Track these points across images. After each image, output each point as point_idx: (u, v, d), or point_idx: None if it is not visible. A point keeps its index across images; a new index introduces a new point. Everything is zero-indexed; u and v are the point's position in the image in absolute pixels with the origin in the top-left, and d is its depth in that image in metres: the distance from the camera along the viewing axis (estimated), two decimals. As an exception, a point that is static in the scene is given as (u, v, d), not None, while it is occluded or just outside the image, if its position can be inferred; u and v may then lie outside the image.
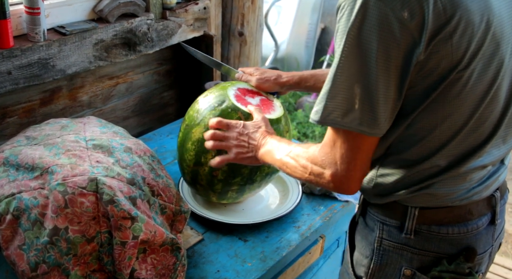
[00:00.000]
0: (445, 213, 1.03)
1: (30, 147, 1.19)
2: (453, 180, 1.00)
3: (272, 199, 1.54)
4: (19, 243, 1.05)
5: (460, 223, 1.04)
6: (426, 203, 1.02)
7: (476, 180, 1.03)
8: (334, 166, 0.96)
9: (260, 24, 2.16)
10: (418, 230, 1.03)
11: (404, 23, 0.84)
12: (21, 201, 1.07)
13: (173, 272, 1.14)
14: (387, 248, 1.07)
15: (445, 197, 1.01)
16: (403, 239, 1.05)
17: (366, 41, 0.86)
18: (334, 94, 0.91)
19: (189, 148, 1.35)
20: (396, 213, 1.05)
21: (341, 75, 0.89)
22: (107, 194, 1.06)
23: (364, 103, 0.89)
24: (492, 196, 1.08)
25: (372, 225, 1.09)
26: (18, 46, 1.37)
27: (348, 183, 0.97)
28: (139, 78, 1.91)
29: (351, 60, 0.88)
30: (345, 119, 0.91)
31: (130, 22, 1.64)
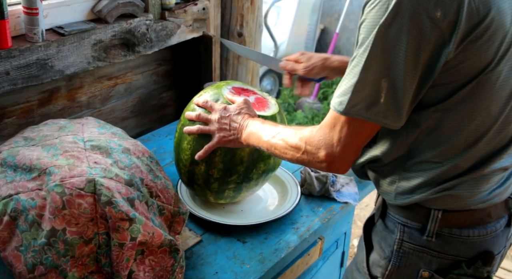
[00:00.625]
0: (467, 216, 1.04)
1: (28, 148, 1.19)
2: (476, 181, 1.01)
3: (271, 200, 1.54)
4: (16, 245, 1.05)
5: (480, 225, 1.05)
6: (449, 205, 1.03)
7: (496, 182, 1.04)
8: (330, 147, 0.98)
9: (259, 24, 2.16)
10: (439, 232, 1.04)
11: (435, 22, 0.84)
12: (19, 202, 1.06)
13: (171, 273, 1.13)
14: (407, 250, 1.07)
15: (467, 199, 1.02)
16: (424, 241, 1.05)
17: (396, 38, 0.86)
18: (360, 87, 0.91)
19: (184, 147, 1.35)
20: (419, 215, 1.05)
21: (368, 70, 0.90)
22: (105, 195, 1.05)
23: (390, 97, 0.90)
24: (509, 199, 1.09)
25: (392, 227, 1.10)
26: (16, 47, 1.37)
27: (341, 163, 1.00)
28: (138, 79, 1.90)
29: (379, 55, 0.88)
30: (370, 112, 0.92)
31: (129, 23, 1.63)
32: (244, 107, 1.26)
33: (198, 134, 1.32)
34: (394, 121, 0.93)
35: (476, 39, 0.87)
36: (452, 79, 0.91)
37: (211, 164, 1.32)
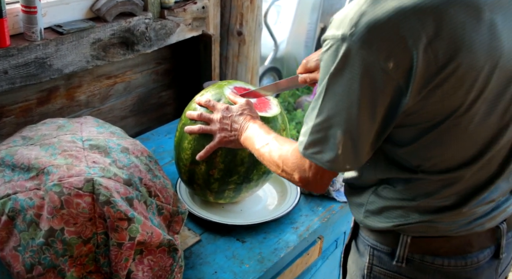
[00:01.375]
0: (442, 243, 0.95)
1: (26, 147, 1.18)
2: (454, 216, 0.94)
3: (270, 199, 1.53)
4: (14, 244, 1.04)
5: (458, 255, 0.95)
6: (421, 234, 0.95)
7: (480, 213, 0.95)
8: (303, 172, 0.95)
9: (259, 23, 2.15)
10: (410, 258, 0.96)
11: (388, 73, 0.78)
12: (17, 201, 1.06)
13: (170, 273, 1.13)
14: (378, 275, 1.00)
15: (443, 229, 0.94)
16: (394, 267, 0.97)
17: (348, 88, 0.81)
18: (316, 133, 0.88)
19: (185, 147, 1.35)
20: (388, 239, 0.98)
21: (323, 116, 0.86)
22: (104, 195, 1.05)
23: (347, 149, 0.86)
24: (497, 228, 0.99)
25: (362, 249, 1.03)
26: (14, 46, 1.36)
27: (316, 185, 0.97)
28: (137, 78, 1.90)
29: (333, 103, 0.84)
30: (325, 159, 0.88)
31: (128, 21, 1.63)
32: (247, 108, 1.25)
33: (199, 134, 1.31)
34: (352, 166, 0.90)
35: (437, 86, 0.79)
36: (417, 122, 0.85)
37: (212, 164, 1.32)
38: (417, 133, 0.87)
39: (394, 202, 0.95)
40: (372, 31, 0.77)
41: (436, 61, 0.78)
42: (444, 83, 0.79)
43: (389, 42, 0.76)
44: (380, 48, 0.77)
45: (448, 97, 0.81)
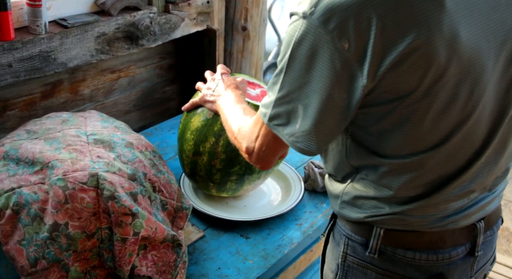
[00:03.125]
0: (414, 238, 0.95)
1: (30, 141, 1.18)
2: (424, 208, 0.93)
3: (274, 195, 1.53)
4: (18, 238, 1.04)
5: (430, 250, 0.95)
6: (393, 226, 0.96)
7: (454, 209, 0.95)
8: (250, 142, 1.00)
9: (263, 18, 2.14)
10: (383, 250, 0.97)
11: (344, 53, 0.79)
12: (21, 195, 1.05)
13: (174, 269, 1.13)
14: (351, 264, 1.01)
15: (415, 223, 0.94)
16: (367, 257, 0.98)
17: (307, 64, 0.82)
18: (278, 104, 0.89)
19: (188, 138, 1.35)
20: (362, 230, 0.99)
21: (284, 88, 0.87)
22: (108, 190, 1.04)
23: (305, 124, 0.87)
24: (474, 226, 0.99)
25: (338, 239, 1.04)
26: (19, 39, 1.36)
27: (257, 159, 1.00)
28: (141, 72, 1.89)
29: (293, 78, 0.85)
30: (286, 134, 0.90)
31: (133, 16, 1.62)
32: (238, 82, 1.31)
33: (201, 125, 1.33)
34: (307, 149, 0.90)
35: (392, 68, 0.79)
36: (375, 103, 0.85)
37: (213, 154, 1.32)
38: (377, 116, 0.87)
39: (367, 193, 0.95)
40: (330, 12, 0.78)
41: (391, 43, 0.78)
42: (399, 66, 0.79)
43: (346, 23, 0.78)
44: (337, 28, 0.78)
45: (403, 80, 0.81)
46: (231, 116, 1.14)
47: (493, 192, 1.01)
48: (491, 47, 0.84)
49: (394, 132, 0.87)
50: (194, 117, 1.36)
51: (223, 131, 1.30)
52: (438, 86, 0.82)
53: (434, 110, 0.84)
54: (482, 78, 0.85)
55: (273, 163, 1.02)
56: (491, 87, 0.87)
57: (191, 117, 1.37)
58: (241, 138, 1.03)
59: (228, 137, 1.27)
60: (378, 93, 0.83)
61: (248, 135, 1.01)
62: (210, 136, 1.32)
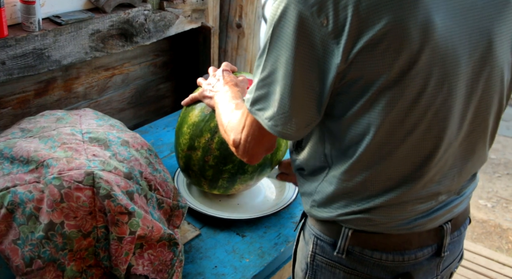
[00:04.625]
0: (380, 239, 0.96)
1: (25, 140, 1.17)
2: (389, 208, 0.93)
3: (269, 193, 1.53)
4: (13, 238, 1.03)
5: (396, 251, 0.97)
6: (361, 227, 0.96)
7: (420, 211, 0.95)
8: (237, 133, 1.00)
9: (258, 16, 2.13)
10: (350, 250, 0.98)
11: (322, 29, 0.80)
12: (16, 194, 1.04)
13: (170, 267, 1.12)
14: (320, 264, 1.02)
15: (381, 225, 0.95)
16: (335, 257, 0.99)
17: (286, 42, 0.83)
18: (260, 87, 0.90)
19: (184, 132, 1.36)
20: (330, 230, 0.99)
21: (266, 70, 0.88)
22: (104, 189, 1.04)
23: (282, 106, 0.87)
24: (441, 228, 0.99)
25: (308, 238, 1.04)
26: (12, 36, 1.34)
27: (244, 152, 1.00)
28: (135, 70, 1.88)
29: (274, 58, 0.86)
30: (265, 116, 0.90)
31: (127, 13, 1.61)
32: (238, 80, 1.31)
33: (197, 120, 1.33)
34: (286, 133, 0.90)
35: (368, 50, 0.80)
36: (349, 90, 0.85)
37: (207, 150, 1.32)
38: (350, 103, 0.87)
39: (337, 191, 0.96)
40: None
41: (367, 24, 0.79)
42: (372, 49, 0.80)
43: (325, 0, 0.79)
44: (316, 4, 0.79)
45: (375, 64, 0.81)
46: (223, 110, 1.14)
47: (462, 195, 1.02)
48: (465, 43, 0.84)
49: (364, 120, 0.87)
50: (192, 112, 1.37)
51: (218, 128, 1.30)
52: (410, 74, 0.82)
53: (405, 99, 0.84)
54: (454, 74, 0.85)
55: (259, 156, 1.01)
56: (461, 86, 0.87)
57: (190, 111, 1.38)
58: (229, 131, 1.04)
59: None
60: (352, 78, 0.83)
61: (236, 127, 1.01)
62: (205, 132, 1.32)
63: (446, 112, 0.88)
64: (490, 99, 0.92)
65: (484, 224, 3.12)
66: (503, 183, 3.54)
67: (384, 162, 0.90)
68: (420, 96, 0.84)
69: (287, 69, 0.84)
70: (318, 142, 0.97)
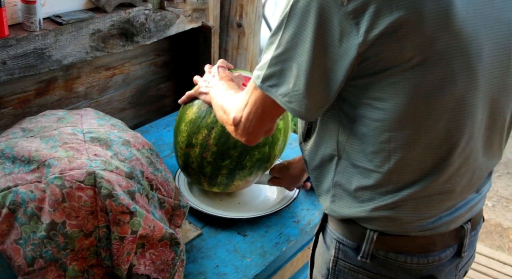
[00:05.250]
0: (406, 242, 0.95)
1: (26, 139, 1.17)
2: (416, 202, 0.92)
3: (269, 193, 1.53)
4: (15, 238, 1.03)
5: (421, 253, 0.96)
6: (386, 228, 0.95)
7: (445, 209, 0.95)
8: (239, 111, 0.99)
9: (259, 15, 2.13)
10: (375, 254, 0.96)
11: (341, 10, 0.79)
12: (17, 194, 1.04)
13: (172, 267, 1.12)
14: (342, 269, 1.00)
15: (407, 224, 0.94)
16: (359, 261, 0.98)
17: (305, 20, 0.82)
18: (274, 66, 0.89)
19: (182, 129, 1.37)
20: (354, 234, 0.98)
21: (281, 46, 0.87)
22: (106, 188, 1.03)
23: (297, 84, 0.86)
24: (462, 228, 1.00)
25: (329, 243, 1.03)
26: (13, 36, 1.34)
27: (243, 130, 0.99)
28: (136, 70, 1.88)
29: (290, 35, 0.85)
30: (278, 92, 0.89)
31: (128, 12, 1.61)
32: (234, 76, 1.31)
33: (194, 117, 1.34)
34: (300, 111, 0.88)
35: (389, 34, 0.79)
36: (367, 74, 0.85)
37: (205, 147, 1.32)
38: (368, 87, 0.86)
39: (357, 182, 0.94)
40: None
41: (388, 6, 0.78)
42: (393, 33, 0.79)
43: None
44: None
45: (395, 48, 0.80)
46: (222, 97, 1.14)
47: (480, 193, 1.02)
48: (487, 33, 0.84)
49: (383, 106, 0.86)
50: (189, 109, 1.37)
51: (215, 123, 1.30)
52: (431, 61, 0.82)
53: (425, 87, 0.83)
54: (476, 63, 0.84)
55: (258, 136, 1.01)
56: (484, 76, 0.86)
57: (187, 109, 1.39)
58: (229, 111, 1.03)
59: (218, 130, 1.31)
60: (370, 61, 0.83)
61: (237, 105, 1.00)
62: (203, 128, 1.32)
63: (469, 102, 0.87)
64: (509, 93, 0.91)
65: (484, 223, 3.13)
66: (503, 182, 3.54)
67: (406, 151, 0.88)
68: (442, 84, 0.84)
69: (304, 47, 0.84)
70: (331, 129, 0.96)
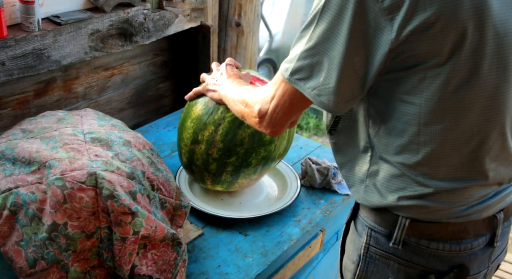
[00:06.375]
0: (438, 228, 0.96)
1: (26, 140, 1.16)
2: (448, 193, 0.93)
3: (270, 192, 1.53)
4: (16, 239, 1.03)
5: (453, 240, 0.97)
6: (418, 215, 0.96)
7: (477, 198, 0.96)
8: (265, 103, 0.99)
9: (257, 14, 2.13)
10: (406, 241, 0.98)
11: (377, 6, 0.80)
12: (18, 196, 1.04)
13: (174, 267, 1.12)
14: (374, 255, 1.02)
15: (440, 211, 0.95)
16: (390, 248, 0.99)
17: (338, 16, 0.83)
18: (304, 57, 0.89)
19: (188, 126, 1.36)
20: (386, 221, 0.99)
21: (312, 40, 0.87)
22: (107, 189, 1.03)
23: (328, 77, 0.87)
24: (494, 217, 1.00)
25: (361, 230, 1.04)
26: (12, 36, 1.33)
27: (269, 122, 1.00)
28: (135, 69, 1.87)
29: (323, 29, 0.86)
30: (307, 86, 0.90)
31: (127, 12, 1.60)
32: (241, 74, 1.32)
33: (201, 113, 1.34)
34: (329, 105, 0.90)
35: (422, 30, 0.81)
36: (399, 68, 0.87)
37: (211, 143, 1.31)
38: (399, 82, 0.88)
39: (391, 172, 0.95)
40: None
41: (423, 2, 0.80)
42: (427, 29, 0.81)
43: None
44: None
45: (428, 44, 0.82)
46: (239, 92, 1.14)
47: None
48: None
49: (414, 100, 0.88)
50: (195, 106, 1.37)
51: (222, 120, 1.30)
52: (463, 56, 0.83)
53: (457, 81, 0.85)
54: (509, 59, 0.86)
55: (283, 128, 1.01)
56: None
57: (193, 105, 1.38)
58: (253, 103, 1.03)
59: (225, 126, 1.30)
60: (404, 58, 0.84)
61: (263, 97, 1.00)
62: (209, 124, 1.32)
63: (500, 96, 0.89)
64: None
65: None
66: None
67: (436, 144, 0.90)
68: (473, 79, 0.85)
69: (338, 41, 0.84)
70: (362, 122, 0.98)
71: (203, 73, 1.42)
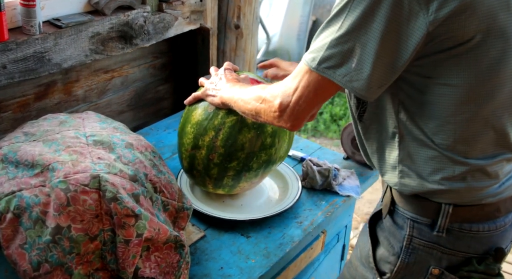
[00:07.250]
0: (476, 211, 1.02)
1: (29, 143, 1.16)
2: (483, 172, 0.98)
3: (272, 194, 1.53)
4: (20, 242, 1.03)
5: (490, 220, 1.03)
6: (460, 199, 1.01)
7: (506, 174, 1.02)
8: (286, 96, 0.99)
9: (256, 16, 2.13)
10: (450, 228, 1.02)
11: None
12: (22, 199, 1.04)
13: (177, 269, 1.12)
14: (417, 246, 1.06)
15: (478, 192, 1.00)
16: (434, 237, 1.04)
17: (372, 3, 0.85)
18: (334, 47, 0.90)
19: (188, 131, 1.36)
20: (428, 211, 1.03)
21: (343, 28, 0.88)
22: (110, 191, 1.03)
23: (361, 64, 0.88)
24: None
25: (401, 222, 1.08)
26: (13, 40, 1.34)
27: (291, 115, 1.00)
28: (135, 72, 1.87)
29: (356, 17, 0.87)
30: (338, 74, 0.91)
31: (127, 15, 1.60)
32: (241, 79, 1.33)
33: (201, 118, 1.34)
34: (362, 89, 0.91)
35: (458, 13, 0.84)
36: (434, 52, 0.89)
37: (212, 148, 1.32)
38: (434, 65, 0.91)
39: (429, 151, 0.98)
40: None
41: None
42: (461, 13, 0.84)
43: None
44: None
45: (462, 27, 0.85)
46: (250, 91, 1.14)
47: None
48: None
49: (448, 81, 0.91)
50: (195, 111, 1.37)
51: (223, 125, 1.30)
52: (492, 35, 0.87)
53: (492, 57, 0.89)
54: None
55: (303, 121, 1.02)
56: None
57: (192, 110, 1.38)
58: (272, 98, 1.03)
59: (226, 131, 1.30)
60: (439, 41, 0.87)
61: (283, 90, 1.00)
62: (210, 130, 1.32)
63: None
64: None
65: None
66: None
67: (471, 122, 0.94)
68: (504, 57, 0.90)
69: (373, 27, 0.86)
70: (390, 109, 1.00)
71: (201, 78, 1.42)
